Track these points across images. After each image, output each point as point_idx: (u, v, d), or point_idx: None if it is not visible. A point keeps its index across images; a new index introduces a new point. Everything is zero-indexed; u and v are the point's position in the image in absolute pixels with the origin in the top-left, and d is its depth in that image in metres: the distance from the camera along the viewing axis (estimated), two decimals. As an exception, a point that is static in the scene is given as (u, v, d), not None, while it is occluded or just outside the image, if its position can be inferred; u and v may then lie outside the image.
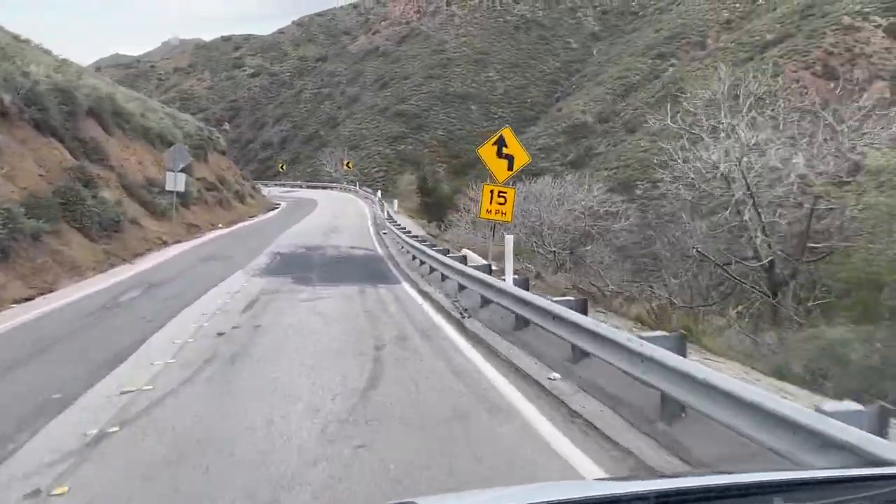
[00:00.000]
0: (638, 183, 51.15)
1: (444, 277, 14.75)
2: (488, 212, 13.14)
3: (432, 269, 16.17)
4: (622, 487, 1.97)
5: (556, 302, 7.82)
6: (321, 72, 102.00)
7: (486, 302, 11.32)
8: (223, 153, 49.33)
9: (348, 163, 70.18)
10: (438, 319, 11.35)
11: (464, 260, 14.61)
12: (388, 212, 34.65)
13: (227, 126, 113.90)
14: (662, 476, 4.04)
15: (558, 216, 28.05)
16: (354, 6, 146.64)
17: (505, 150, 13.07)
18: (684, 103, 29.37)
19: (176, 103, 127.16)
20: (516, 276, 12.18)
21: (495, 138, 13.32)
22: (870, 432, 3.67)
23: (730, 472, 2.12)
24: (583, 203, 29.13)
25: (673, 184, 21.10)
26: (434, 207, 47.78)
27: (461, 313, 11.58)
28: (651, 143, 53.88)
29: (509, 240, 13.45)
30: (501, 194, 13.05)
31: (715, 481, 1.93)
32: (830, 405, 4.17)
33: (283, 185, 73.02)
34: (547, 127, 68.34)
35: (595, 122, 66.07)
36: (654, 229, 24.45)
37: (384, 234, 28.68)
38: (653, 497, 1.74)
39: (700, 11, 78.51)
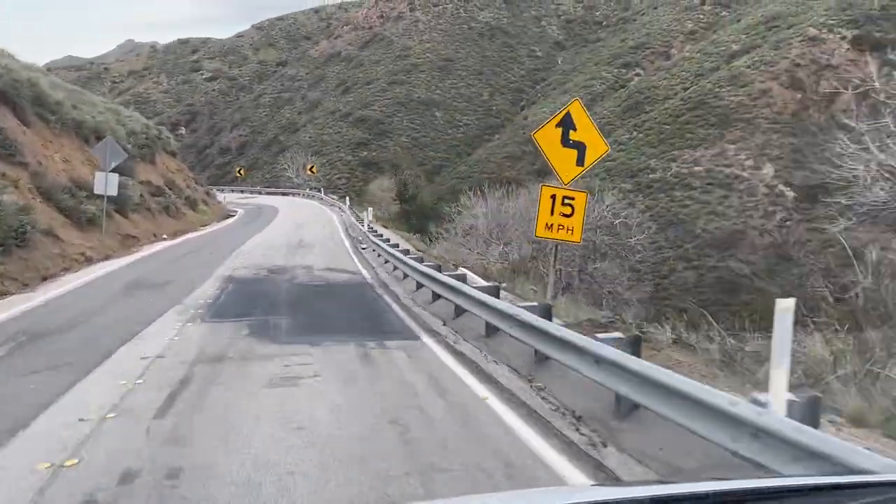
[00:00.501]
0: (604, 192, 50.41)
1: (491, 330, 9.30)
2: (549, 227, 9.33)
3: (459, 311, 10.87)
4: (615, 493, 1.99)
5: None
6: (282, 76, 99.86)
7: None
8: (173, 154, 45.55)
9: (312, 167, 67.54)
10: (539, 447, 5.66)
11: (495, 292, 9.98)
12: (366, 223, 30.68)
13: (183, 130, 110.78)
14: (658, 482, 3.71)
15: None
16: (316, 11, 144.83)
17: (573, 136, 9.51)
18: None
19: (130, 106, 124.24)
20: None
21: (560, 116, 9.53)
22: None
23: (726, 479, 2.01)
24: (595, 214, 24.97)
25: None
26: (415, 216, 44.99)
27: (579, 429, 5.99)
28: (618, 153, 53.26)
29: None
30: (568, 201, 9.29)
31: (710, 488, 1.88)
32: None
33: (242, 192, 70.53)
34: (513, 135, 67.35)
35: (561, 131, 65.28)
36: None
37: (364, 249, 24.55)
38: (647, 502, 1.73)
39: (664, 22, 78.58)
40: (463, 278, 12.12)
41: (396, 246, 20.12)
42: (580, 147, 9.26)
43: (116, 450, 5.34)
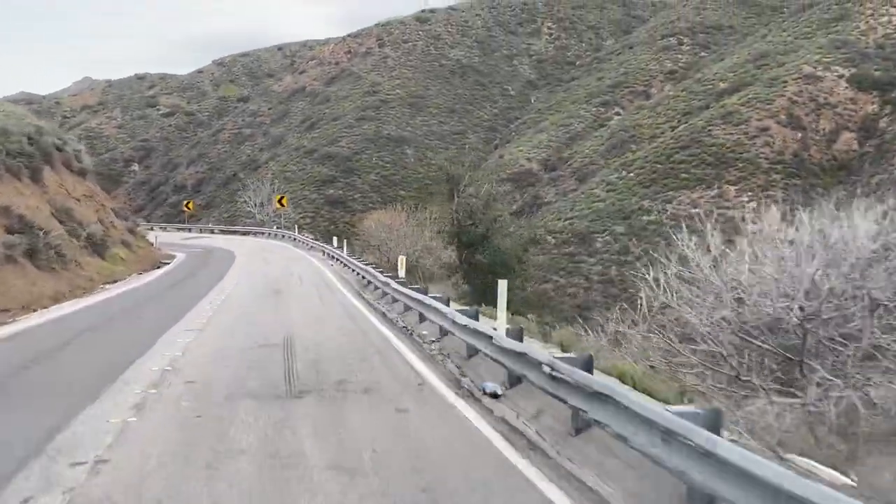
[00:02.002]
0: (597, 235, 46.71)
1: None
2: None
3: None
4: None
5: None
6: (242, 111, 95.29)
7: None
8: (82, 174, 33.64)
9: (281, 198, 59.58)
10: None
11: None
12: (394, 284, 18.26)
13: (135, 167, 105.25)
14: None
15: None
16: (279, 48, 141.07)
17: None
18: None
19: (81, 141, 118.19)
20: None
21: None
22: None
23: None
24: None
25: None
26: (482, 273, 29.72)
27: None
28: (607, 193, 49.77)
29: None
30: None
31: None
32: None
33: (190, 231, 64.19)
34: (490, 173, 63.55)
35: (540, 170, 61.84)
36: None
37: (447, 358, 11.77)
38: None
39: (642, 61, 76.40)
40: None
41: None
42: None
43: None
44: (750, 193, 43.08)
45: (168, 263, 34.17)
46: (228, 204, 72.10)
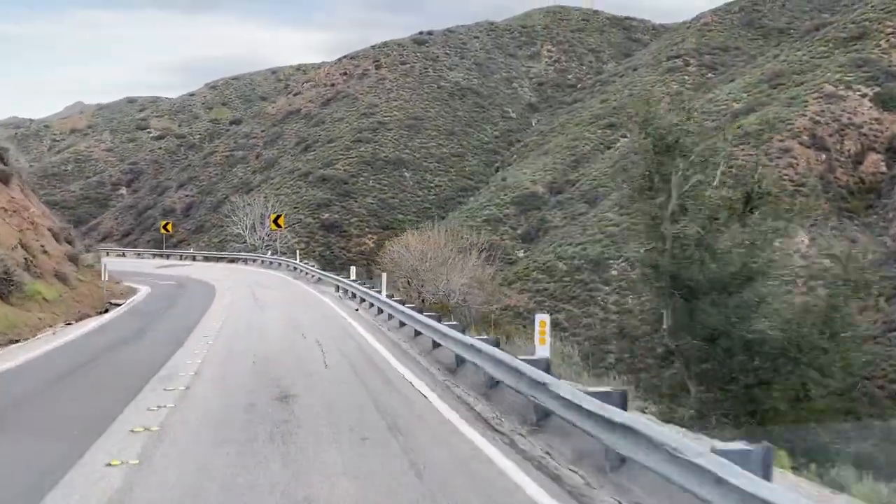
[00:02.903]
0: (611, 262, 43.93)
1: None
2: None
3: None
4: None
5: None
6: (235, 133, 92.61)
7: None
8: (3, 181, 26.57)
9: (278, 218, 52.22)
10: None
11: None
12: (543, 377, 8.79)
13: (123, 191, 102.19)
14: None
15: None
16: (273, 72, 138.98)
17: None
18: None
19: (69, 165, 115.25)
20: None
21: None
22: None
23: None
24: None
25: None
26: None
27: None
28: (620, 217, 47.04)
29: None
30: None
31: None
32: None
33: (168, 258, 59.43)
34: (493, 196, 60.93)
35: (546, 193, 59.18)
36: None
37: None
38: None
39: (647, 83, 74.19)
40: None
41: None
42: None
43: None
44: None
45: (120, 304, 26.28)
46: (219, 228, 69.02)
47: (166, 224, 65.99)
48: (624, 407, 7.40)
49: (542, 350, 11.61)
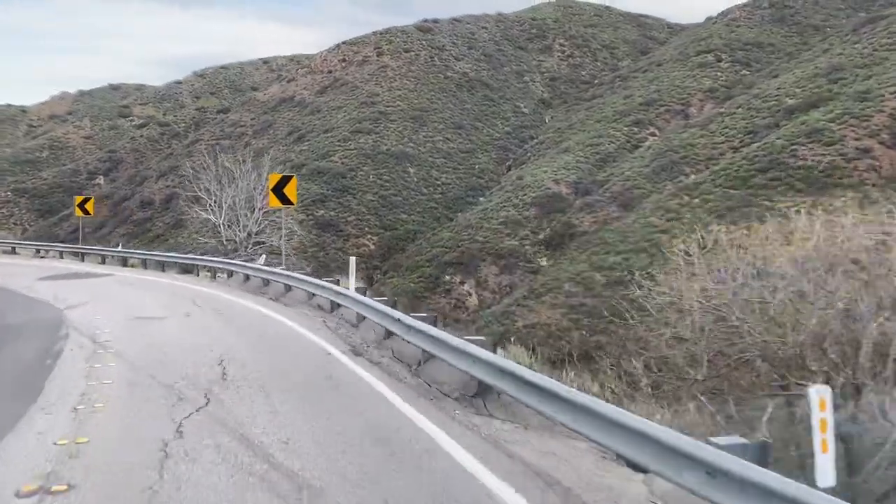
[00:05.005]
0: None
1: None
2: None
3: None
4: None
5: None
6: (222, 122, 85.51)
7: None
8: None
9: (285, 185, 25.04)
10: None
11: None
12: None
13: (100, 180, 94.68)
14: None
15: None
16: (265, 62, 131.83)
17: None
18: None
19: (44, 151, 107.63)
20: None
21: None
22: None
23: None
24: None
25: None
26: None
27: None
28: (668, 222, 40.63)
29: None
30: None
31: None
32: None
33: (84, 258, 38.59)
34: (510, 197, 54.29)
35: (571, 194, 52.64)
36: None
37: None
38: None
39: (676, 79, 68.01)
40: None
41: None
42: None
43: None
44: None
45: None
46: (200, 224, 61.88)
47: (84, 201, 42.05)
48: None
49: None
